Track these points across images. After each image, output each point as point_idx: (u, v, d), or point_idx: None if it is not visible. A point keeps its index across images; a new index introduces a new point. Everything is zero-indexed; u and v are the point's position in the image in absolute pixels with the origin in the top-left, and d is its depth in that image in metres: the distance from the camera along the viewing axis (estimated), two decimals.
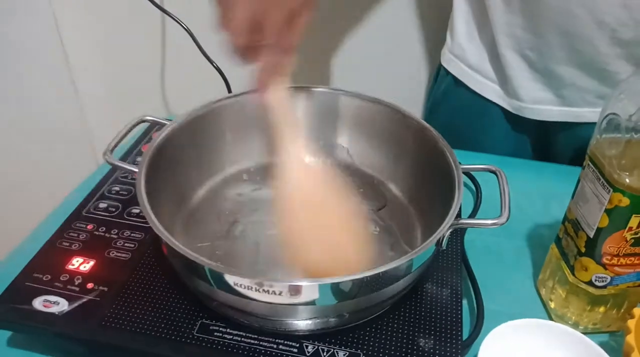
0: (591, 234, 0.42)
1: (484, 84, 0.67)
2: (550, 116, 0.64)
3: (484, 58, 0.66)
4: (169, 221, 0.47)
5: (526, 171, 0.65)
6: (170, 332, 0.41)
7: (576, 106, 0.62)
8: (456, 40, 0.68)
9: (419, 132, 0.50)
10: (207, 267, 0.36)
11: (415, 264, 0.39)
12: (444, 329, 0.42)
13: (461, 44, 0.67)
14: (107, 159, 0.45)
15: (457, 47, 0.68)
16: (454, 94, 0.71)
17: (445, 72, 0.71)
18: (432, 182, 0.48)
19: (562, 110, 0.63)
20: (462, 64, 0.68)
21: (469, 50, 0.67)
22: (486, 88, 0.67)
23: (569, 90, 0.61)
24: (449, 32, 0.70)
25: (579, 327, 0.46)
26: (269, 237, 0.49)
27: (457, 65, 0.69)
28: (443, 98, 0.73)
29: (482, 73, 0.67)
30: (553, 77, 0.61)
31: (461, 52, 0.68)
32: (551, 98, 0.63)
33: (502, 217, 0.40)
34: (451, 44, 0.69)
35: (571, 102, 0.62)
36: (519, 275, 0.52)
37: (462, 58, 0.68)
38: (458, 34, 0.67)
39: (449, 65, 0.70)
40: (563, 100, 0.63)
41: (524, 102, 0.65)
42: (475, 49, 0.66)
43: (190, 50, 0.74)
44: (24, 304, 0.42)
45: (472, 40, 0.66)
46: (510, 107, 0.66)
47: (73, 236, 0.49)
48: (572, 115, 0.63)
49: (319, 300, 0.37)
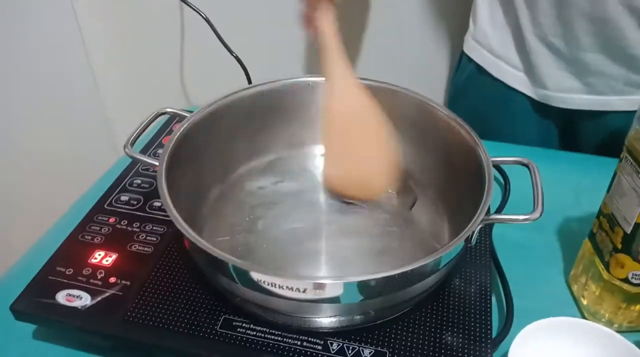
0: (628, 229, 0.40)
1: (508, 72, 0.65)
2: (577, 104, 0.63)
3: (509, 45, 0.64)
4: (190, 214, 0.46)
5: (555, 162, 0.62)
6: (193, 328, 0.40)
7: (604, 94, 0.61)
8: (479, 26, 0.66)
9: (447, 124, 0.48)
10: (231, 264, 0.36)
11: (444, 261, 0.38)
12: (473, 326, 0.41)
13: (484, 30, 0.66)
14: (127, 152, 0.45)
15: (480, 33, 0.66)
16: (477, 82, 0.69)
17: (468, 59, 0.69)
18: (460, 175, 0.47)
19: (590, 99, 0.62)
20: (485, 51, 0.67)
21: (493, 36, 0.65)
22: (510, 76, 0.66)
23: (596, 78, 0.60)
24: (472, 18, 0.68)
25: (614, 326, 0.45)
26: (291, 232, 0.49)
27: (480, 52, 0.67)
28: (465, 86, 0.72)
29: (506, 60, 0.65)
30: (579, 64, 0.59)
31: (484, 38, 0.66)
32: (578, 86, 0.61)
33: (535, 213, 0.39)
34: (474, 30, 0.68)
35: (598, 90, 0.61)
36: (550, 270, 0.50)
37: (485, 45, 0.66)
38: (481, 19, 0.66)
39: (471, 53, 0.69)
40: (590, 89, 0.61)
41: (549, 90, 0.63)
42: (499, 35, 0.65)
43: (209, 40, 0.74)
44: (47, 297, 0.42)
45: (495, 26, 0.65)
46: (536, 95, 0.65)
47: (95, 230, 0.48)
48: (599, 103, 0.62)
49: (344, 298, 0.36)
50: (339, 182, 0.50)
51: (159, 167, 0.43)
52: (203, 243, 0.37)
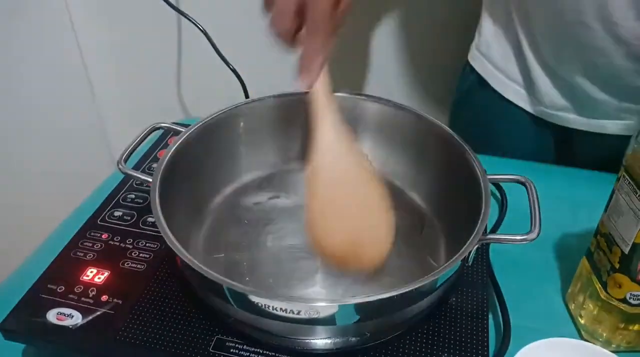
0: (626, 249, 0.39)
1: (508, 85, 0.66)
2: (572, 124, 0.62)
3: (509, 59, 0.64)
4: (184, 231, 0.46)
5: (552, 177, 0.62)
6: (185, 348, 0.40)
7: (598, 118, 0.60)
8: (483, 37, 0.67)
9: (444, 140, 0.48)
10: (225, 286, 0.35)
11: (440, 281, 0.38)
12: (470, 346, 0.41)
13: (488, 41, 0.66)
14: (121, 169, 0.44)
15: (484, 44, 0.67)
16: (478, 93, 0.69)
17: (471, 69, 0.69)
18: (457, 192, 0.46)
19: (583, 120, 0.61)
20: (487, 63, 0.67)
21: (495, 48, 0.65)
22: (509, 89, 0.66)
23: (588, 103, 0.59)
24: (478, 29, 0.69)
25: (611, 346, 0.44)
26: (287, 249, 0.48)
27: (482, 63, 0.67)
28: (467, 96, 0.72)
29: (506, 73, 0.65)
30: (572, 87, 0.59)
31: (487, 49, 0.66)
32: (572, 107, 0.61)
33: (532, 233, 0.38)
34: (478, 41, 0.68)
35: (592, 113, 0.60)
36: (547, 288, 0.50)
37: (487, 56, 0.67)
38: (485, 31, 0.66)
39: (474, 62, 0.69)
40: (583, 111, 0.61)
41: (546, 107, 0.63)
42: (501, 48, 0.65)
43: (206, 52, 0.73)
44: (38, 316, 0.42)
45: (498, 39, 0.65)
46: (534, 110, 0.65)
47: (88, 246, 0.48)
48: (594, 125, 0.61)
49: (339, 320, 0.36)
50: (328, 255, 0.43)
51: (152, 183, 0.43)
52: (195, 263, 0.36)
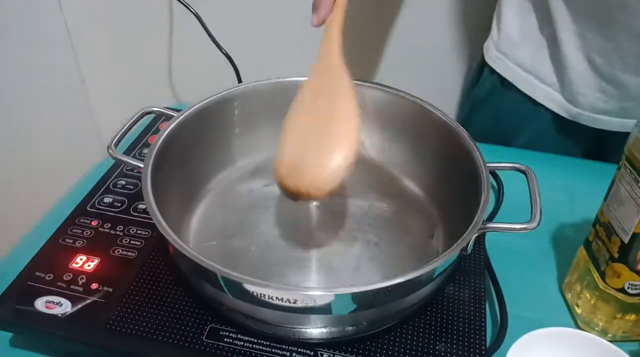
0: (626, 239, 0.39)
1: (536, 86, 0.61)
2: (608, 126, 0.59)
3: (541, 57, 0.59)
4: (176, 218, 0.45)
5: (548, 166, 0.61)
6: (178, 337, 0.39)
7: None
8: (505, 36, 0.61)
9: (442, 127, 0.47)
10: (218, 274, 0.34)
11: (438, 271, 0.37)
12: (467, 336, 0.40)
13: (512, 40, 0.60)
14: (111, 154, 0.43)
15: (507, 42, 0.61)
16: (500, 95, 0.64)
17: (490, 71, 0.64)
18: (455, 180, 0.45)
19: (622, 122, 0.58)
20: (511, 63, 0.61)
21: (522, 47, 0.60)
22: (538, 90, 0.61)
23: (635, 103, 0.56)
24: (495, 25, 0.62)
25: (607, 335, 0.44)
26: (281, 236, 0.47)
27: (504, 63, 0.62)
28: (486, 99, 0.66)
29: (535, 74, 0.60)
30: (619, 87, 0.55)
31: (511, 48, 0.61)
32: (613, 109, 0.57)
33: (532, 222, 0.38)
34: (497, 39, 0.62)
35: (635, 115, 0.56)
36: (543, 277, 0.49)
37: (511, 56, 0.61)
38: (508, 28, 0.60)
39: (494, 64, 0.63)
40: (626, 112, 0.57)
41: (582, 109, 0.59)
42: (530, 46, 0.59)
43: (199, 37, 0.72)
44: (26, 305, 0.41)
45: (526, 37, 0.59)
46: (566, 113, 0.60)
47: (77, 233, 0.47)
48: (632, 126, 0.59)
49: (335, 309, 0.35)
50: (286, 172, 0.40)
51: (143, 169, 0.42)
52: (188, 250, 0.35)
